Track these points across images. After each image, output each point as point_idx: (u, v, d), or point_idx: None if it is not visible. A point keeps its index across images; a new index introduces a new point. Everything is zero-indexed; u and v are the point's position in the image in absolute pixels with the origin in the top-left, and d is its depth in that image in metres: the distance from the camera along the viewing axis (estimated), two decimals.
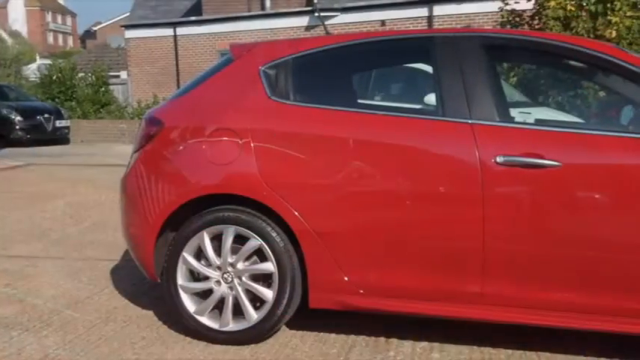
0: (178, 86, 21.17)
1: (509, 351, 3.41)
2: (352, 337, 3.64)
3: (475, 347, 3.47)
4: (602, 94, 8.28)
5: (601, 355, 3.34)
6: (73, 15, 76.67)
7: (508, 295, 3.19)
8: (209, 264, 3.56)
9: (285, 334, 3.68)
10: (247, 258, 3.51)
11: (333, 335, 3.66)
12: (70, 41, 72.85)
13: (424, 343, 3.53)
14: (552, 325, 3.21)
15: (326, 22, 19.01)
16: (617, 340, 3.37)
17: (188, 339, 3.64)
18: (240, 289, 3.51)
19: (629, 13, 11.07)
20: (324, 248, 3.36)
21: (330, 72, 3.77)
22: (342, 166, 3.37)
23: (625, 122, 4.73)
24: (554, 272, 3.13)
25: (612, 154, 3.09)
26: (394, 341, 3.57)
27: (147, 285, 4.56)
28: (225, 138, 3.51)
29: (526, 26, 12.98)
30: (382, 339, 3.60)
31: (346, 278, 3.36)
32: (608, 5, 11.20)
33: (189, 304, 3.60)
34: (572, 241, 3.09)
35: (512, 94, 7.88)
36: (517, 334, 3.52)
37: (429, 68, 3.65)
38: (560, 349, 3.40)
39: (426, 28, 18.90)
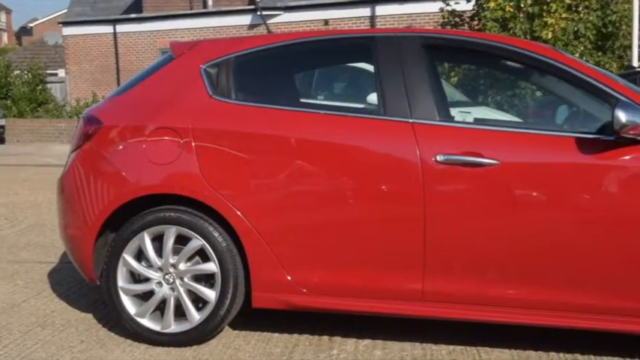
0: (118, 85, 20.78)
1: (451, 347, 3.47)
2: (296, 336, 3.64)
3: (417, 344, 3.51)
4: (538, 94, 8.49)
5: (539, 348, 3.42)
6: (8, 11, 74.47)
7: (449, 292, 3.24)
8: (150, 265, 3.50)
9: (228, 335, 3.66)
10: (189, 258, 3.47)
11: (276, 335, 3.65)
12: (5, 38, 70.76)
13: (367, 341, 3.56)
14: (493, 320, 3.28)
15: (269, 21, 18.96)
16: (557, 333, 3.46)
17: (129, 342, 3.58)
18: (182, 290, 3.47)
19: (564, 15, 11.39)
20: (267, 248, 3.35)
21: (272, 71, 3.76)
22: (285, 165, 3.36)
23: (560, 121, 4.87)
24: (494, 269, 3.20)
25: (548, 153, 3.17)
26: (337, 339, 3.58)
27: (86, 287, 4.46)
28: (165, 137, 3.46)
29: (466, 27, 13.23)
30: (325, 337, 3.61)
31: (289, 277, 3.36)
32: (545, 7, 11.49)
33: (130, 306, 3.54)
34: (511, 238, 3.15)
35: (452, 93, 8.00)
36: (458, 330, 3.58)
37: (371, 68, 3.67)
38: (500, 344, 3.46)
39: (368, 27, 19.03)
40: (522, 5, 11.54)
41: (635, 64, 11.08)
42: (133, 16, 23.07)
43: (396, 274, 3.28)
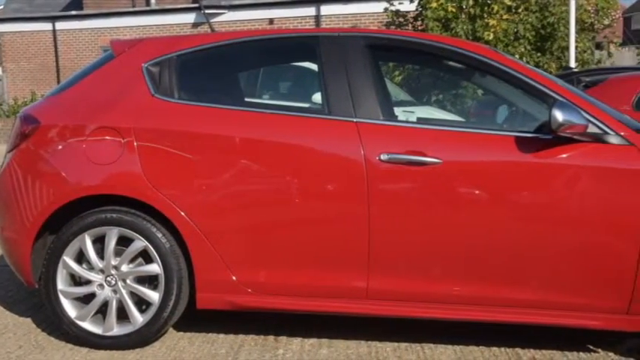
0: (59, 83, 20.31)
1: (396, 344, 3.50)
2: (241, 336, 3.62)
3: (363, 342, 3.53)
4: (480, 93, 8.65)
5: (481, 343, 3.48)
6: None
7: (394, 289, 3.27)
8: (91, 267, 3.43)
9: (172, 337, 3.61)
10: (132, 260, 3.42)
11: (221, 335, 3.63)
12: None
13: (313, 340, 3.56)
14: (437, 317, 3.32)
15: (213, 20, 18.81)
16: (498, 328, 3.53)
17: (70, 345, 3.51)
18: (124, 292, 3.41)
19: (505, 17, 11.62)
20: (212, 248, 3.32)
21: (216, 70, 3.74)
22: (229, 165, 3.34)
23: (500, 121, 4.97)
24: (438, 266, 3.24)
25: (489, 152, 3.22)
26: (283, 339, 3.58)
27: (24, 291, 4.35)
28: (107, 137, 3.40)
29: (410, 27, 13.38)
30: (271, 337, 3.60)
31: (234, 278, 3.34)
32: (486, 8, 11.70)
33: (70, 309, 3.46)
34: (454, 235, 3.20)
35: (396, 93, 8.09)
36: (403, 327, 3.62)
37: (315, 67, 3.68)
38: (443, 341, 3.51)
39: (313, 27, 19.06)
40: (464, 6, 11.74)
41: (572, 64, 11.40)
42: (73, 13, 22.55)
43: (341, 272, 3.29)
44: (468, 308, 3.26)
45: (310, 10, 19.78)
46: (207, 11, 18.93)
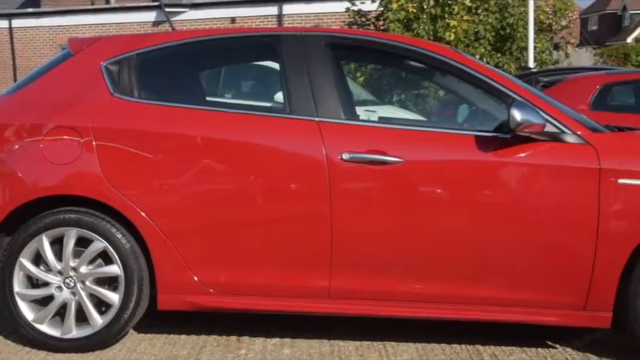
0: (15, 82, 19.92)
1: (358, 342, 3.51)
2: (203, 337, 3.59)
3: (325, 341, 3.54)
4: (441, 93, 8.73)
5: (442, 341, 3.51)
6: None
7: (356, 288, 3.28)
8: (49, 269, 3.37)
9: (133, 338, 3.57)
10: (91, 261, 3.36)
11: (183, 336, 3.60)
12: None
13: (276, 340, 3.55)
14: (400, 315, 3.35)
15: (174, 18, 18.65)
16: (460, 325, 3.56)
17: (27, 349, 3.44)
18: (83, 294, 3.36)
19: (465, 17, 11.76)
20: (173, 248, 3.29)
21: (177, 69, 3.71)
22: (191, 164, 3.32)
23: (461, 120, 5.03)
24: (400, 265, 3.26)
25: (450, 151, 3.25)
26: (246, 339, 3.56)
27: None
28: (65, 137, 3.35)
29: (372, 27, 13.44)
30: (234, 337, 3.58)
31: (196, 278, 3.32)
32: (447, 9, 11.82)
33: (28, 311, 3.39)
34: (416, 234, 3.22)
35: (359, 92, 8.13)
36: (365, 325, 3.63)
37: (277, 66, 3.67)
38: (405, 339, 3.54)
39: (276, 26, 19.03)
40: (425, 7, 11.84)
41: (531, 65, 11.59)
42: (30, 10, 22.14)
43: (303, 272, 3.29)
44: (429, 306, 3.29)
45: (273, 9, 19.75)
46: (168, 9, 18.76)
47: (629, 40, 41.39)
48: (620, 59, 31.91)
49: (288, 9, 19.59)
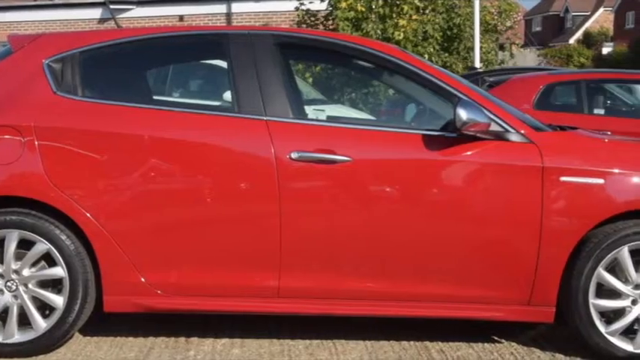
0: None
1: (308, 341, 3.52)
2: (151, 338, 3.54)
3: (275, 340, 3.53)
4: (390, 92, 8.81)
5: (391, 338, 3.54)
6: None
7: (306, 287, 3.28)
8: None
9: (78, 342, 3.50)
10: (34, 264, 3.28)
11: (130, 338, 3.54)
12: None
13: (225, 340, 3.53)
14: (349, 313, 3.37)
15: (121, 16, 18.34)
16: (414, 322, 3.60)
17: None
18: (26, 297, 3.27)
19: (414, 17, 11.88)
20: (119, 249, 3.24)
21: (123, 67, 3.66)
22: (137, 164, 3.28)
23: (408, 119, 5.08)
24: (349, 263, 3.28)
25: (397, 150, 3.29)
26: (195, 340, 3.53)
27: None
28: (5, 136, 3.27)
29: (321, 26, 13.46)
30: (182, 339, 3.54)
31: (143, 279, 3.27)
32: (395, 9, 11.92)
33: None
34: (365, 232, 3.24)
35: (308, 92, 8.13)
36: (315, 324, 3.63)
37: (225, 65, 3.65)
38: (355, 336, 3.55)
39: (224, 24, 18.89)
40: (373, 6, 11.92)
41: (477, 64, 11.78)
42: None
43: (252, 271, 3.28)
44: (378, 304, 3.32)
45: (221, 8, 19.59)
46: (114, 7, 18.44)
47: (572, 41, 42.52)
48: (563, 60, 32.75)
49: (236, 7, 19.46)
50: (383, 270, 3.27)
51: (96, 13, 20.10)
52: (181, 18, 19.51)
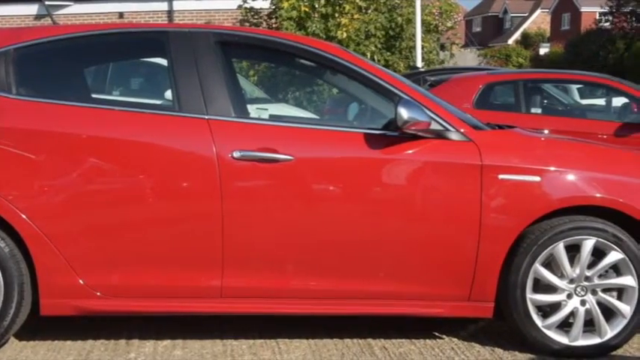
0: None
1: (251, 341, 3.50)
2: (90, 341, 3.47)
3: (218, 340, 3.50)
4: (333, 91, 8.85)
5: (334, 336, 3.56)
6: None
7: (249, 287, 3.27)
8: None
9: (14, 346, 3.40)
10: None
11: (68, 342, 3.46)
12: None
13: (166, 342, 3.48)
14: (293, 312, 3.37)
15: (58, 12, 17.90)
16: (358, 320, 3.62)
17: None
18: None
19: (356, 16, 11.95)
20: (56, 251, 3.17)
21: (59, 64, 3.57)
22: (74, 164, 3.22)
23: (351, 118, 5.11)
24: (292, 262, 3.28)
25: (340, 148, 3.30)
26: (135, 342, 3.47)
27: None
28: None
29: (264, 25, 13.42)
30: (122, 341, 3.48)
31: (81, 281, 3.20)
32: (337, 8, 11.97)
33: None
34: (308, 231, 3.25)
35: (251, 90, 8.10)
36: (258, 323, 3.62)
37: (165, 63, 3.60)
38: (298, 335, 3.55)
39: (166, 22, 18.64)
40: (316, 5, 11.94)
41: (418, 64, 11.92)
42: None
43: (194, 272, 3.25)
44: (321, 302, 3.33)
45: (162, 5, 19.32)
46: (49, 2, 17.95)
47: (510, 41, 43.53)
48: (502, 60, 33.48)
49: (178, 5, 19.22)
50: (326, 268, 3.29)
51: (32, 9, 19.55)
52: (121, 15, 19.14)
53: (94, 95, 4.18)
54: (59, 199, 3.21)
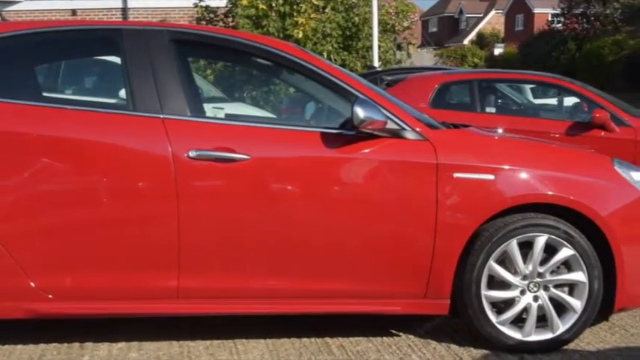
0: None
1: (208, 342, 3.48)
2: (42, 345, 3.40)
3: (174, 342, 3.47)
4: (290, 91, 8.84)
5: (292, 335, 3.55)
6: None
7: (205, 287, 3.25)
8: None
9: None
10: None
11: (19, 346, 3.38)
12: None
13: (122, 344, 3.44)
14: (250, 312, 3.37)
15: (8, 9, 17.50)
16: (315, 319, 3.62)
17: None
18: None
19: (313, 16, 11.96)
20: (6, 253, 3.09)
21: (9, 62, 3.47)
22: (24, 164, 3.15)
23: (308, 117, 5.11)
24: (249, 262, 3.27)
25: (297, 147, 3.30)
26: (89, 345, 3.41)
27: None
28: None
29: (221, 23, 13.34)
30: (76, 344, 3.42)
31: (33, 284, 3.14)
32: (295, 7, 11.97)
33: None
34: (264, 230, 3.24)
35: (207, 89, 8.03)
36: (214, 324, 3.60)
37: (119, 61, 3.55)
38: (255, 335, 3.54)
39: (120, 20, 18.38)
40: (274, 4, 11.92)
41: (375, 64, 12.00)
42: None
43: (150, 273, 3.22)
44: (279, 302, 3.33)
45: (116, 3, 19.02)
46: None
47: (466, 41, 44.10)
48: (458, 60, 33.93)
49: (133, 3, 18.96)
50: (283, 267, 3.28)
51: None
52: (74, 12, 18.80)
53: (45, 94, 4.08)
54: (9, 200, 3.13)
